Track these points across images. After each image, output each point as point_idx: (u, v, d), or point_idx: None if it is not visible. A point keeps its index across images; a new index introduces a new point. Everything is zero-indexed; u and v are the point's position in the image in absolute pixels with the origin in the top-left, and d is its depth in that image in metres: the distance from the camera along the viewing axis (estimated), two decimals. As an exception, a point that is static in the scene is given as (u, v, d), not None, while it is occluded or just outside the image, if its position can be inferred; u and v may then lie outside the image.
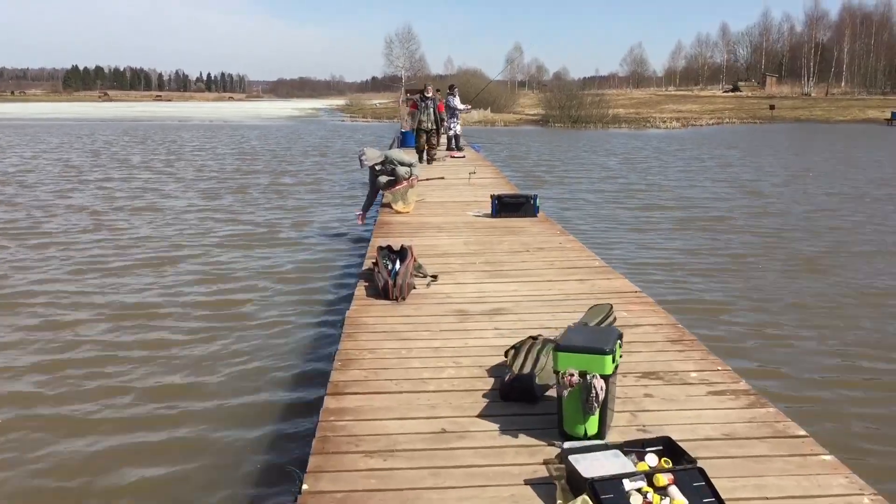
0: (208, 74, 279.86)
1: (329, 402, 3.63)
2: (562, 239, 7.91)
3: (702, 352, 4.38)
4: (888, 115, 57.79)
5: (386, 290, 5.46)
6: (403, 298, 5.42)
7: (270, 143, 31.50)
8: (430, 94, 16.55)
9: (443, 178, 12.49)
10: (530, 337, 4.03)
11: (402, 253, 6.29)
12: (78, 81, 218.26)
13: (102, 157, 24.62)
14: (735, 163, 24.08)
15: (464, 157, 18.29)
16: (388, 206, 10.28)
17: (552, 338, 3.95)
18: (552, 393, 3.38)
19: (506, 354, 3.99)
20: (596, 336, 3.24)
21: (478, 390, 3.76)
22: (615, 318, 4.82)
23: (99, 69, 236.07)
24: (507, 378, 3.67)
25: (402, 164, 10.11)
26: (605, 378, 3.06)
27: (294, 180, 18.04)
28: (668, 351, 4.41)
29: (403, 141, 22.86)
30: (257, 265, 9.42)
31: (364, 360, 4.21)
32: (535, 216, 9.38)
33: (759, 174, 20.61)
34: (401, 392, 3.76)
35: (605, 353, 3.07)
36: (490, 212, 9.45)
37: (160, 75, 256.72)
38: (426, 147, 16.60)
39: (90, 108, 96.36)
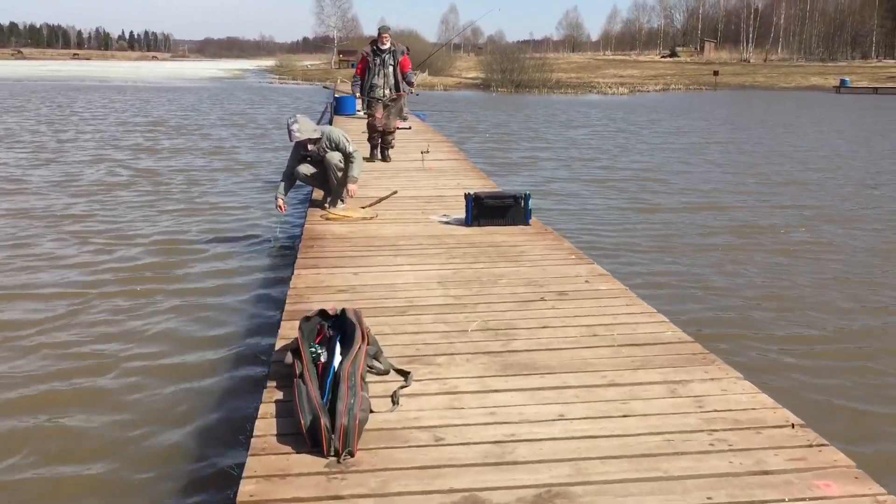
0: (131, 33, 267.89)
1: None
2: (585, 270, 5.28)
3: None
4: (834, 83, 56.91)
5: (315, 434, 2.75)
6: (351, 454, 2.72)
7: (181, 110, 27.64)
8: (386, 45, 10.26)
9: (396, 192, 8.18)
10: None
11: (345, 327, 3.59)
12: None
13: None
14: (725, 136, 21.76)
15: (409, 128, 15.44)
16: (321, 205, 7.51)
17: None
18: None
19: None
20: None
21: None
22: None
23: (14, 26, 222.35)
24: None
25: (342, 151, 7.30)
26: None
27: (191, 163, 13.89)
28: None
29: (338, 108, 19.80)
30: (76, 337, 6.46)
31: None
32: (528, 224, 6.75)
33: (776, 151, 18.20)
34: None
35: None
36: (463, 217, 6.78)
37: (80, 33, 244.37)
38: (379, 131, 10.54)
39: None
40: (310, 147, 7.32)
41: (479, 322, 4.17)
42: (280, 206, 7.30)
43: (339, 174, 7.34)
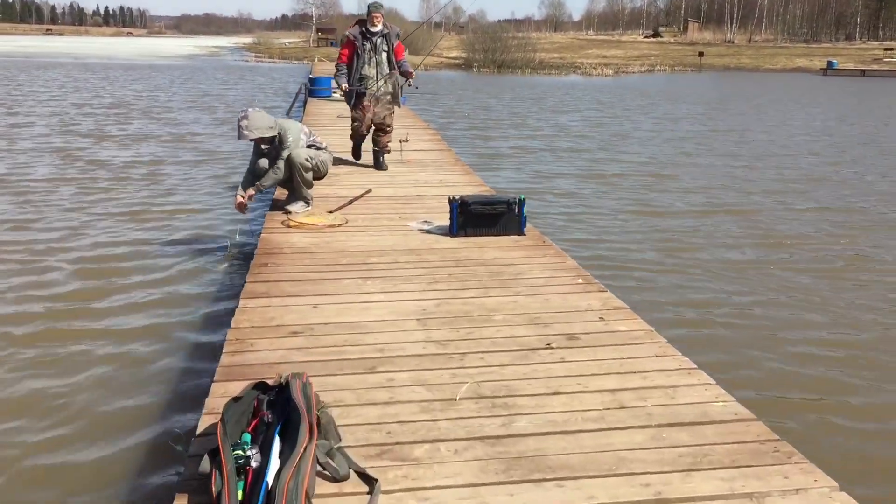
0: (106, 8, 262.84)
1: None
2: (597, 301, 4.31)
3: None
4: (820, 65, 56.21)
5: None
6: None
7: (149, 90, 26.21)
8: (378, 27, 8.15)
9: (369, 191, 7.22)
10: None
11: (288, 409, 2.62)
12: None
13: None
14: (725, 123, 20.62)
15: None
16: (283, 207, 6.50)
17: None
18: None
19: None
20: None
21: None
22: None
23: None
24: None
25: (296, 151, 6.28)
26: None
27: (149, 153, 12.38)
28: None
29: (312, 89, 18.68)
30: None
31: None
32: (523, 233, 5.77)
33: (783, 140, 17.06)
34: None
35: None
36: (448, 225, 5.79)
37: (53, 8, 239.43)
38: (374, 131, 8.56)
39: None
40: (263, 147, 6.30)
41: (469, 385, 3.20)
42: (239, 206, 6.28)
43: (307, 174, 6.33)
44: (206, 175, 10.88)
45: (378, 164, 8.55)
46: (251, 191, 6.25)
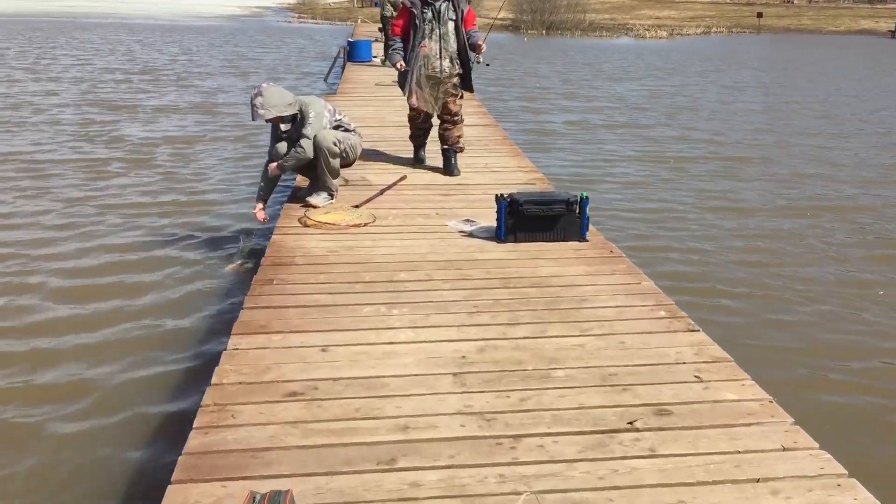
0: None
1: None
2: (689, 349, 3.30)
3: None
4: (888, 26, 53.30)
5: None
6: None
7: (184, 53, 25.19)
8: None
9: (404, 177, 6.24)
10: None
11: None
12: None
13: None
14: (796, 90, 18.66)
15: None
16: (305, 197, 5.59)
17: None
18: None
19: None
20: None
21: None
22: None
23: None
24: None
25: (322, 132, 5.33)
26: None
27: (171, 127, 10.90)
28: None
29: (351, 53, 17.65)
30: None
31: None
32: (584, 239, 4.77)
33: (884, 114, 14.78)
34: None
35: None
36: (494, 226, 4.82)
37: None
38: (424, 126, 6.67)
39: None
40: (282, 127, 5.37)
41: (526, 497, 2.26)
42: (257, 214, 5.44)
43: (334, 160, 5.38)
44: (230, 155, 9.51)
45: (448, 168, 6.45)
46: (273, 168, 5.33)
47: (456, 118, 6.45)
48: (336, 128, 5.51)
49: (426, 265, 4.32)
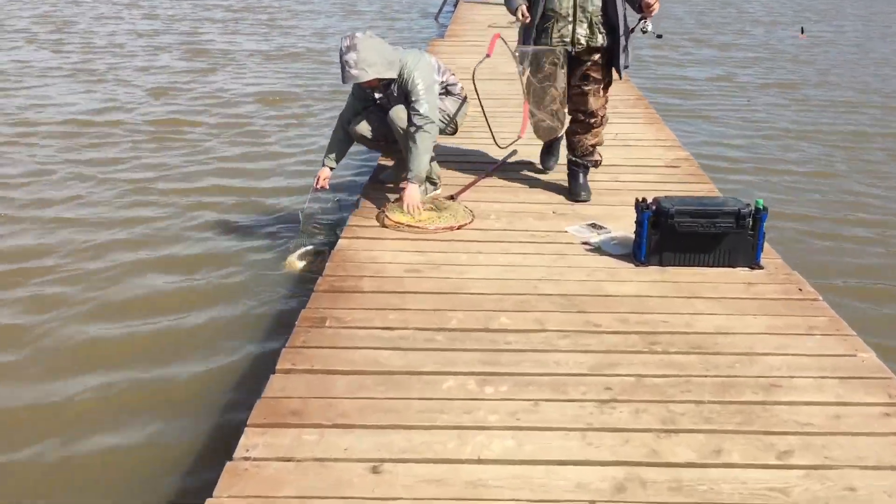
0: None
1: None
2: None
3: None
4: None
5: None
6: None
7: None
8: None
9: (514, 153, 4.94)
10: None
11: None
12: None
13: None
14: None
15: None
16: (392, 178, 4.47)
17: None
18: None
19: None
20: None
21: None
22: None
23: None
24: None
25: (414, 108, 4.04)
26: None
27: (253, 83, 8.98)
28: None
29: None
30: None
31: None
32: (758, 265, 3.44)
33: None
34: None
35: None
36: (630, 239, 3.56)
37: None
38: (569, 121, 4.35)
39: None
40: (377, 96, 4.17)
41: None
42: (318, 180, 4.27)
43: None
44: (318, 121, 7.50)
45: (573, 188, 4.33)
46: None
47: (593, 120, 4.20)
48: (442, 94, 4.26)
49: (537, 301, 3.13)
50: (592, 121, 4.21)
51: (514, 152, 5.01)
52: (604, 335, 2.87)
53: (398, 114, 4.04)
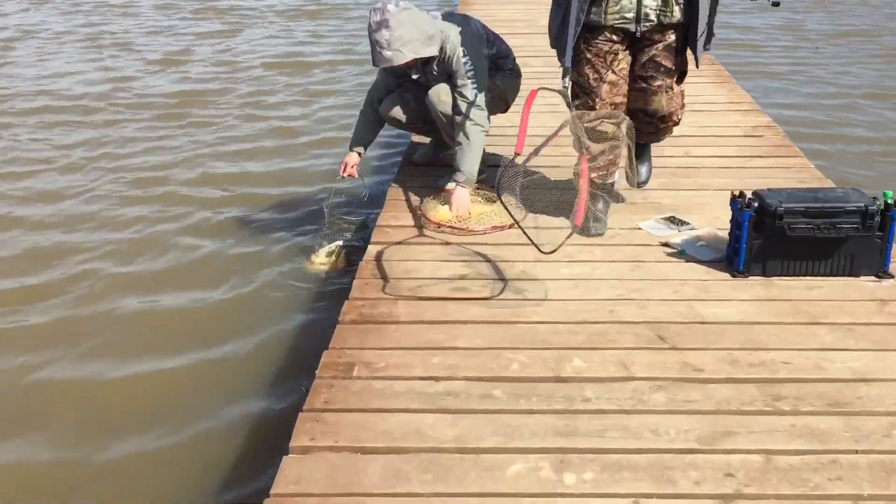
0: None
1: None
2: None
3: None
4: None
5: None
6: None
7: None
8: None
9: (566, 124, 3.84)
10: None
11: None
12: None
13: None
14: None
15: None
16: (430, 157, 3.84)
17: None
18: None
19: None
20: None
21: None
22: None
23: None
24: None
25: (459, 93, 3.32)
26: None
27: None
28: None
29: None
30: None
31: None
32: (887, 273, 2.75)
33: None
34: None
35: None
36: (718, 237, 2.89)
37: None
38: (634, 118, 3.10)
39: None
40: (415, 76, 3.46)
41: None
42: (345, 167, 3.63)
43: (464, 126, 3.44)
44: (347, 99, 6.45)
45: (632, 172, 3.22)
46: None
47: (666, 124, 3.26)
48: (492, 68, 3.53)
49: (617, 334, 2.49)
50: (665, 124, 3.24)
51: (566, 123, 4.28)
52: (709, 385, 2.23)
53: (440, 96, 3.36)
